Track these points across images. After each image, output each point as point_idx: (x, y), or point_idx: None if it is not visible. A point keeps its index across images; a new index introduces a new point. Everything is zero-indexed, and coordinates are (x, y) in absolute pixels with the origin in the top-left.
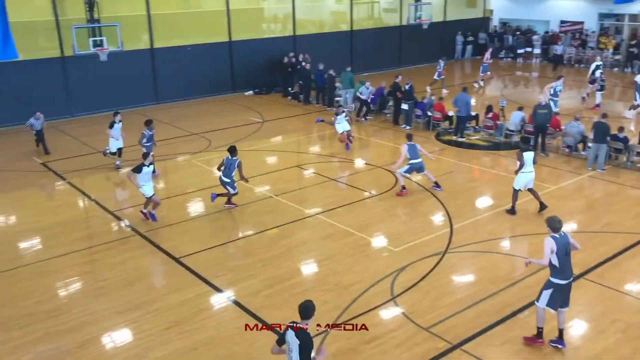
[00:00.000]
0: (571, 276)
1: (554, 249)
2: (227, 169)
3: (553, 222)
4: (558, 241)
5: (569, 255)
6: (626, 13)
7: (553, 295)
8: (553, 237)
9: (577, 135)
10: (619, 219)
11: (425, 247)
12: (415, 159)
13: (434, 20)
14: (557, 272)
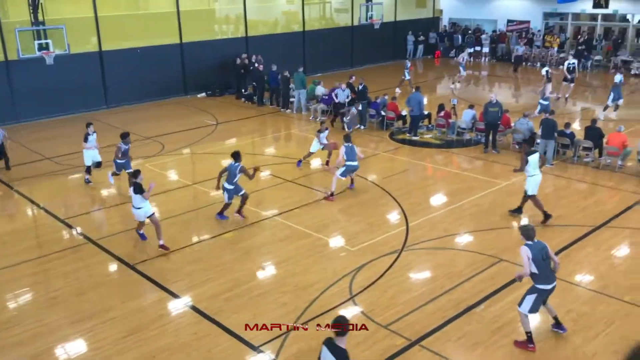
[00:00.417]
0: (554, 280)
1: (530, 255)
2: (229, 176)
3: (526, 230)
4: (533, 247)
5: (547, 260)
6: (569, 12)
7: (537, 300)
8: (527, 244)
9: (526, 131)
10: (568, 212)
11: (382, 245)
12: (353, 161)
13: (385, 20)
14: (539, 278)
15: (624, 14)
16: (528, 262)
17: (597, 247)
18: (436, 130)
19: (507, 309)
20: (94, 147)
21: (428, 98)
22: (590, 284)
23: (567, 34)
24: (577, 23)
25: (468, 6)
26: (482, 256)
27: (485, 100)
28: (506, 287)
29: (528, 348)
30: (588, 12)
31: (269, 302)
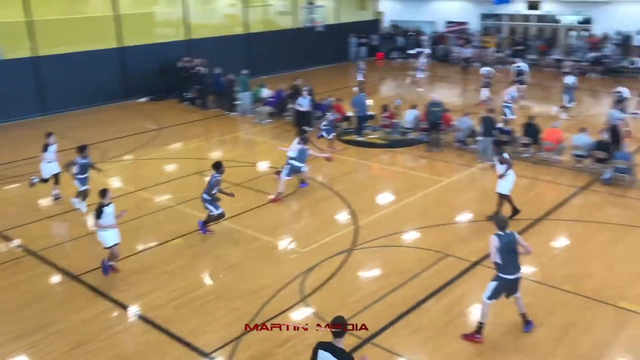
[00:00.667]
0: (517, 272)
1: (497, 245)
2: (207, 186)
3: (500, 221)
4: (502, 238)
5: (515, 253)
6: (505, 13)
7: (498, 288)
8: (497, 234)
9: (467, 130)
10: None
11: (332, 245)
12: (300, 162)
13: (328, 22)
14: (502, 268)
15: (555, 14)
16: (493, 250)
17: (538, 239)
18: (381, 130)
19: (456, 303)
20: (53, 159)
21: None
22: (533, 275)
23: (503, 34)
24: (512, 24)
25: (408, 8)
26: (429, 252)
27: (427, 100)
28: (453, 281)
29: (475, 339)
30: (522, 13)
31: (219, 308)
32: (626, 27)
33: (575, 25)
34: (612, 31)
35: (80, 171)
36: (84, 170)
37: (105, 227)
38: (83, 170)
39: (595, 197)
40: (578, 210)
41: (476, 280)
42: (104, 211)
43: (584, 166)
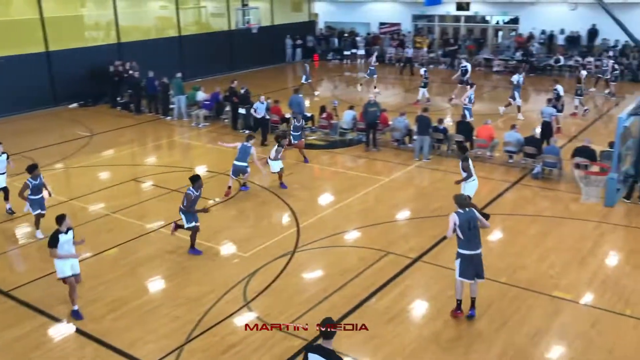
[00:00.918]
0: (477, 248)
1: (457, 222)
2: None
3: (460, 199)
4: (461, 216)
5: (475, 230)
6: (436, 14)
7: (462, 265)
8: (457, 212)
9: (403, 129)
10: (446, 203)
11: (275, 248)
12: (241, 161)
13: (263, 24)
14: (463, 244)
15: (484, 15)
16: (452, 227)
17: None
18: (319, 131)
19: (398, 300)
20: (3, 170)
21: (310, 100)
22: None
23: (435, 35)
24: (443, 24)
25: (342, 10)
26: (370, 250)
27: (364, 100)
28: (395, 278)
29: (455, 313)
30: (452, 14)
31: (160, 317)
32: (550, 27)
33: (503, 25)
34: (538, 31)
35: (32, 193)
36: (37, 192)
37: (62, 257)
38: (35, 191)
39: (527, 191)
40: (511, 205)
41: (417, 276)
42: (60, 239)
43: (515, 162)
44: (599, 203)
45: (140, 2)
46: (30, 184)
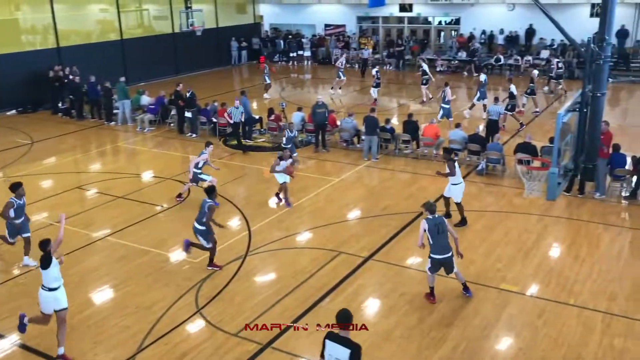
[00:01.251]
0: (447, 252)
1: (426, 228)
2: (199, 214)
3: (430, 205)
4: (430, 221)
5: (444, 234)
6: (379, 16)
7: (432, 265)
8: (427, 218)
9: (351, 129)
10: (395, 201)
11: (226, 253)
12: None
13: (207, 27)
14: (433, 248)
15: (426, 16)
16: (422, 234)
17: None
18: (268, 133)
19: (351, 299)
20: None
21: (257, 103)
22: (421, 265)
23: (379, 36)
24: (387, 26)
25: (287, 12)
26: (322, 251)
27: (312, 102)
28: (347, 278)
29: (429, 299)
30: (396, 15)
31: (110, 328)
32: (490, 27)
33: (445, 26)
34: (478, 31)
35: (16, 215)
36: (19, 213)
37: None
38: (18, 213)
39: (473, 187)
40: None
41: (369, 275)
42: (52, 262)
43: (460, 159)
44: (541, 197)
45: (79, 5)
46: (15, 204)
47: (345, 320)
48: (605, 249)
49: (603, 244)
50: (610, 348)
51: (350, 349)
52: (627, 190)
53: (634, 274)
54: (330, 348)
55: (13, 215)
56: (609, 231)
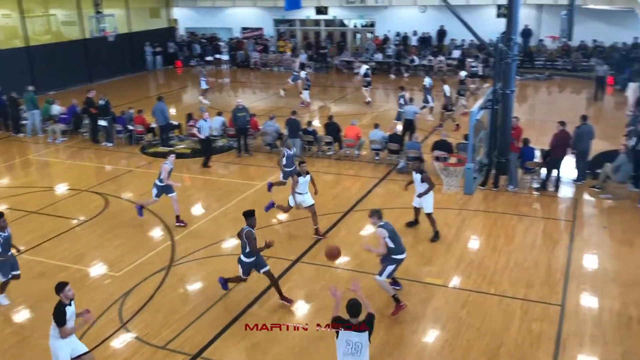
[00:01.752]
0: (405, 250)
1: (386, 235)
2: (242, 244)
3: (378, 212)
4: (387, 226)
5: (398, 234)
6: (297, 18)
7: (394, 269)
8: (383, 225)
9: (274, 133)
10: (321, 202)
11: (150, 264)
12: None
13: (120, 32)
14: (395, 250)
15: (342, 19)
16: (384, 241)
17: (349, 230)
18: (188, 139)
19: (280, 303)
20: None
21: (176, 108)
22: (348, 264)
23: (297, 39)
24: (304, 28)
25: (202, 15)
26: None
27: (232, 106)
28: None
29: (401, 307)
30: (312, 18)
31: (31, 348)
32: (404, 29)
33: (361, 28)
34: (393, 33)
35: (3, 250)
36: (6, 247)
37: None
38: (5, 247)
39: (394, 185)
40: (381, 199)
41: (297, 278)
42: (67, 313)
43: (381, 158)
44: (459, 192)
45: None
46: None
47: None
48: (520, 238)
49: (518, 234)
50: (528, 332)
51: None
52: (538, 182)
53: (547, 261)
54: (347, 336)
55: (1, 250)
56: (523, 221)
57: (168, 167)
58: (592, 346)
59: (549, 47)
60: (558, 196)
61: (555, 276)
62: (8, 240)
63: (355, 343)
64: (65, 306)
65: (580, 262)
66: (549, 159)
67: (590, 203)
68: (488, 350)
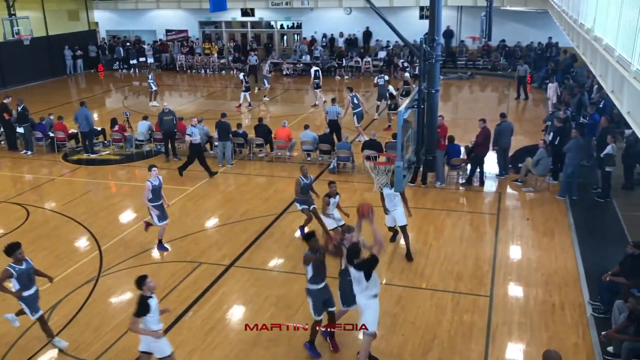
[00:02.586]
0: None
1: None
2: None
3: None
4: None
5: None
6: (222, 20)
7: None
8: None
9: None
10: (253, 205)
11: (76, 276)
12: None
13: (36, 35)
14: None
15: (269, 21)
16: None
17: (282, 232)
18: (113, 145)
19: (215, 309)
20: None
21: (99, 113)
22: (283, 266)
23: (224, 41)
24: (230, 30)
25: (124, 18)
26: (181, 264)
27: (158, 110)
28: (210, 288)
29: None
30: (238, 20)
31: None
32: (330, 30)
33: (288, 30)
34: (319, 34)
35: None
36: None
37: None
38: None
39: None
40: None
41: (232, 283)
42: (151, 305)
43: (313, 159)
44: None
45: None
46: (15, 272)
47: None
48: (449, 233)
49: (447, 229)
50: (460, 324)
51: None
52: (463, 178)
53: (475, 254)
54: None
55: (18, 287)
56: (451, 216)
57: (149, 184)
58: (520, 333)
59: (469, 47)
60: (483, 191)
61: (483, 268)
62: (27, 273)
63: (356, 277)
64: (147, 298)
65: (505, 254)
66: (473, 156)
67: (513, 196)
68: (423, 343)
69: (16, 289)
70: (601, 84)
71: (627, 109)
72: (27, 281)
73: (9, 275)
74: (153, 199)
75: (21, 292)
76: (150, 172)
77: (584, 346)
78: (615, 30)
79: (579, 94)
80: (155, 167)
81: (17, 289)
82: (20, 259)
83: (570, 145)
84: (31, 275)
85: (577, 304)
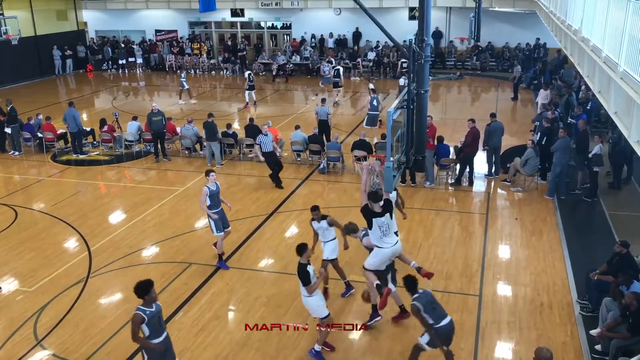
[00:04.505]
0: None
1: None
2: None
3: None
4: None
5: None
6: (212, 20)
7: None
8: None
9: (192, 136)
10: (243, 206)
11: (65, 277)
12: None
13: (24, 35)
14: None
15: (259, 21)
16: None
17: (273, 232)
18: (102, 145)
19: (206, 309)
20: None
21: (88, 113)
22: (273, 266)
23: (213, 42)
24: (220, 31)
25: (113, 18)
26: (172, 264)
27: (148, 110)
28: (200, 288)
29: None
30: (228, 20)
31: None
32: (320, 31)
33: (277, 30)
34: (309, 35)
35: (153, 331)
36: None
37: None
38: (155, 327)
39: (317, 185)
40: (303, 200)
41: (222, 283)
42: (310, 273)
43: (303, 159)
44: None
45: None
46: (147, 317)
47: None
48: (439, 232)
49: (436, 228)
50: None
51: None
52: (452, 178)
53: (464, 253)
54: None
55: (148, 333)
56: (440, 216)
57: (206, 190)
58: (509, 332)
59: (458, 47)
60: (472, 190)
61: (472, 267)
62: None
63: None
64: (306, 266)
65: (494, 253)
66: (463, 156)
67: (502, 196)
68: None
69: (146, 334)
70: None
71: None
72: (157, 326)
73: (142, 321)
74: (212, 206)
75: (153, 340)
76: (208, 177)
77: (572, 345)
78: (602, 32)
79: (567, 95)
80: (213, 172)
81: (146, 335)
82: (152, 301)
83: (558, 145)
84: (161, 319)
85: (566, 303)
